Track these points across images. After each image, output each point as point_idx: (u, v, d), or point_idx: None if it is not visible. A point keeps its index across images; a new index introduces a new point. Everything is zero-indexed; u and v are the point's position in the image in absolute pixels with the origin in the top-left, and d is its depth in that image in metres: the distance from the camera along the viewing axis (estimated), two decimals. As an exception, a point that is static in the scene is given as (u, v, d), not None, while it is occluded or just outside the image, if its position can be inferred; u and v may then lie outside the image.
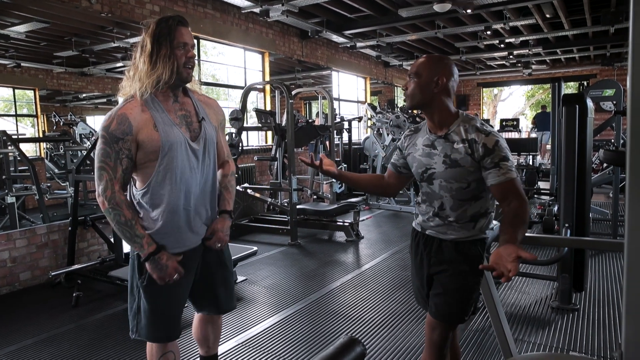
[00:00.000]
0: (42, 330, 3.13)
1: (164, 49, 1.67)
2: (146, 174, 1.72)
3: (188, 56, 1.71)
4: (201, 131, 1.80)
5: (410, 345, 2.82)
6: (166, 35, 1.67)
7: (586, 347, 2.76)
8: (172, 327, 1.87)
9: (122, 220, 1.66)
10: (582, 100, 3.22)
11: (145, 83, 1.67)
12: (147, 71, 1.67)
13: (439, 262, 1.80)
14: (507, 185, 1.64)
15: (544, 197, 7.29)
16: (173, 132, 1.71)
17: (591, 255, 4.42)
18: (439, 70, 1.70)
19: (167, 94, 1.74)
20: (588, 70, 13.45)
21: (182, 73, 1.71)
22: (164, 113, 1.72)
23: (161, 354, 1.89)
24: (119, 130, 1.64)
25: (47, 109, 5.08)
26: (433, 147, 1.76)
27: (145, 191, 1.73)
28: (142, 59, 1.68)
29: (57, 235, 4.24)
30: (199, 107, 1.84)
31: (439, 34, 8.72)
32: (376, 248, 5.18)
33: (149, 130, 1.67)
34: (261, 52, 7.89)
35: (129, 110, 1.67)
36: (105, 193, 1.65)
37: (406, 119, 7.36)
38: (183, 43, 1.69)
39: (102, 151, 1.65)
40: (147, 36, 1.69)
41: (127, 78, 1.74)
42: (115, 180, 1.65)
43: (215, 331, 2.14)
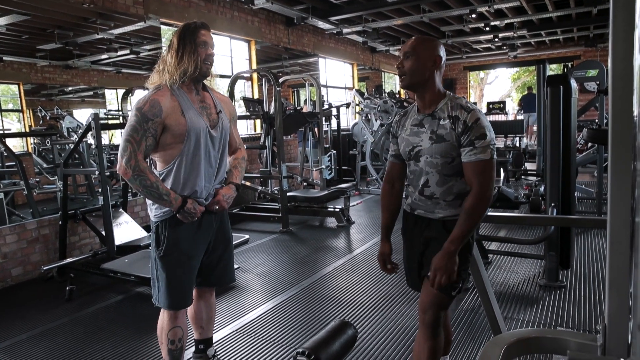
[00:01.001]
0: (36, 325, 3.13)
1: (188, 46, 1.93)
2: (170, 154, 1.95)
3: (208, 53, 1.96)
4: (219, 121, 2.05)
5: (403, 327, 2.87)
6: (190, 35, 1.93)
7: (573, 322, 2.84)
8: (185, 295, 2.07)
9: (148, 183, 1.88)
10: (566, 81, 3.26)
11: (174, 75, 1.92)
12: (174, 64, 1.93)
13: (429, 240, 1.84)
14: (476, 166, 1.68)
15: (530, 178, 7.37)
16: (197, 120, 1.95)
17: (577, 233, 4.51)
18: (435, 49, 1.75)
19: (190, 87, 1.99)
20: (572, 52, 13.52)
21: (202, 67, 1.95)
22: (189, 102, 1.97)
23: (171, 327, 2.06)
24: (150, 112, 1.87)
25: (32, 103, 5.00)
26: (421, 125, 1.81)
27: (169, 169, 1.96)
28: (170, 54, 1.95)
29: (48, 229, 4.22)
30: (216, 101, 2.09)
31: (424, 18, 8.70)
32: (367, 233, 5.23)
33: (177, 116, 1.91)
34: (247, 41, 7.82)
35: (160, 96, 1.91)
36: (129, 163, 1.86)
37: (394, 104, 7.38)
38: (204, 42, 1.95)
39: (132, 127, 1.87)
40: (174, 36, 1.96)
41: (156, 71, 2.00)
42: (138, 152, 1.87)
43: (208, 309, 2.26)
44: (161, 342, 2.11)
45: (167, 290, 2.02)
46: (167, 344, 2.08)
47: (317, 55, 9.62)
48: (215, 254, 2.16)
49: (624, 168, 0.89)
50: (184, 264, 2.02)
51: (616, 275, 0.93)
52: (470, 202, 1.68)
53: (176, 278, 2.02)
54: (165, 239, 2.00)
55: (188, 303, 2.11)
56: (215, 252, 2.16)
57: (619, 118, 0.90)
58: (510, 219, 3.21)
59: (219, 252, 2.17)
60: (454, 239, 1.69)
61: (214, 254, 2.15)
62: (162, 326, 2.10)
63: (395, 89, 13.94)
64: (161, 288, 2.03)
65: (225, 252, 2.20)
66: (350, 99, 10.21)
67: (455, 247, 1.69)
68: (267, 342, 2.75)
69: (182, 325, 2.10)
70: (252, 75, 7.86)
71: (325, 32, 9.57)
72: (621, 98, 0.88)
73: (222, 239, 2.18)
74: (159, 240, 2.01)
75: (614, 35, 0.87)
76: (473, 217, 1.68)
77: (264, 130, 6.20)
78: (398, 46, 11.75)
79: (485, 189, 1.67)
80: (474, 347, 2.58)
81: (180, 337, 2.10)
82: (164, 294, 2.03)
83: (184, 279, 2.04)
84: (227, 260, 2.23)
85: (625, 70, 0.86)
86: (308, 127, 6.68)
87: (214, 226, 2.12)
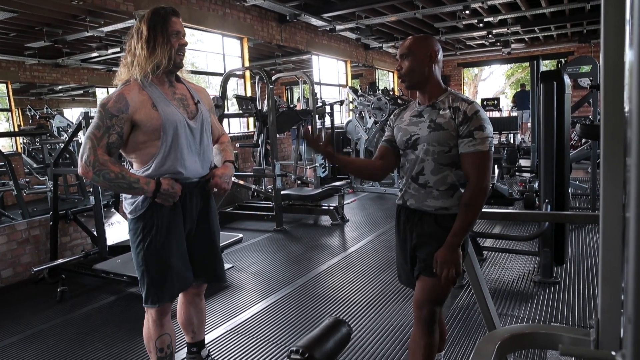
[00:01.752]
0: (27, 327, 3.09)
1: (160, 36, 1.78)
2: (147, 154, 1.81)
3: (180, 43, 1.83)
4: (198, 112, 1.92)
5: (397, 325, 2.86)
6: (161, 23, 1.78)
7: (567, 318, 2.84)
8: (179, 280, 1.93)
9: (112, 175, 1.73)
10: (560, 77, 3.25)
11: (145, 68, 1.78)
12: (146, 56, 1.77)
13: (420, 235, 1.83)
14: (475, 157, 1.70)
15: (525, 174, 7.40)
16: (172, 112, 1.81)
17: (571, 229, 4.52)
18: (430, 45, 1.78)
19: (162, 79, 1.86)
20: (566, 48, 13.58)
21: (176, 59, 1.83)
22: (162, 95, 1.83)
23: (158, 335, 1.96)
24: (115, 108, 1.74)
25: (21, 102, 4.95)
26: (420, 116, 1.83)
27: (147, 168, 1.82)
28: (139, 45, 1.78)
29: (38, 230, 4.17)
30: (192, 92, 1.97)
31: (418, 14, 8.69)
32: (361, 230, 5.22)
33: (148, 110, 1.77)
34: (239, 38, 7.77)
35: (127, 91, 1.78)
36: (88, 159, 1.72)
37: (387, 101, 7.37)
38: (176, 31, 1.82)
39: (95, 124, 1.75)
40: (143, 24, 1.79)
41: (123, 65, 1.84)
42: (98, 147, 1.73)
43: (198, 314, 2.18)
44: (149, 350, 2.01)
45: (155, 284, 1.89)
46: (155, 353, 1.98)
47: (310, 53, 9.59)
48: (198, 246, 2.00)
49: (616, 163, 0.88)
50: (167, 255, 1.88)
51: (608, 270, 0.93)
52: (469, 194, 1.71)
53: (162, 270, 1.88)
54: (143, 234, 1.86)
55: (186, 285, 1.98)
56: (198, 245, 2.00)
57: (611, 114, 0.89)
58: (504, 215, 3.21)
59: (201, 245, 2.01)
60: (457, 232, 1.71)
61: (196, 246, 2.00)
62: (149, 335, 1.99)
63: (389, 86, 13.95)
64: (148, 283, 1.90)
65: (209, 248, 2.05)
66: (344, 97, 10.20)
67: (458, 240, 1.72)
68: (261, 342, 2.73)
69: (169, 332, 2.00)
70: (244, 73, 7.82)
71: (319, 29, 9.54)
72: (612, 94, 0.87)
73: (205, 232, 2.02)
74: (137, 236, 1.87)
75: (606, 31, 0.86)
76: (473, 209, 1.71)
77: (257, 129, 6.17)
78: (391, 43, 11.75)
79: (482, 180, 1.70)
80: (468, 343, 2.58)
81: (169, 344, 2.00)
82: (152, 288, 1.90)
83: (170, 270, 1.90)
84: (213, 257, 2.07)
85: (617, 66, 0.86)
86: (302, 124, 6.66)
87: (195, 216, 1.97)
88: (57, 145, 5.03)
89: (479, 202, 1.71)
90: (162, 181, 1.80)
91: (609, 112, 0.91)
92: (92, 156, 1.72)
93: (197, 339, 2.23)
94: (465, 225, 1.71)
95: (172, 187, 1.81)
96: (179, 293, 2.01)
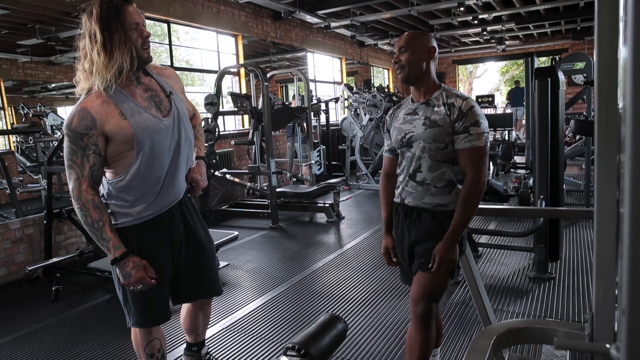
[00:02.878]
0: (22, 326, 3.08)
1: (116, 34, 1.56)
2: (122, 164, 1.67)
3: (143, 37, 1.62)
4: (172, 107, 1.74)
5: (393, 321, 2.87)
6: (115, 19, 1.55)
7: (562, 313, 2.86)
8: (159, 310, 1.84)
9: (89, 221, 1.62)
10: (554, 73, 3.26)
11: (106, 77, 1.57)
12: (104, 63, 1.56)
13: (418, 232, 1.84)
14: (471, 153, 1.71)
15: (519, 171, 7.43)
16: (143, 118, 1.65)
17: (566, 225, 4.55)
18: (429, 41, 1.81)
19: (128, 79, 1.66)
20: (560, 45, 13.62)
21: (141, 56, 1.63)
22: (129, 99, 1.64)
23: (147, 342, 1.88)
24: (81, 126, 1.58)
25: (14, 100, 4.91)
26: (414, 113, 1.84)
27: (121, 179, 1.68)
28: (95, 50, 1.56)
29: (32, 229, 4.15)
30: (162, 83, 1.78)
31: (412, 11, 8.69)
32: (357, 228, 5.22)
33: (116, 120, 1.60)
34: (234, 35, 7.75)
35: (89, 103, 1.59)
36: (73, 192, 1.62)
37: (382, 98, 7.37)
38: (135, 24, 1.59)
39: (69, 149, 1.61)
40: (94, 23, 1.55)
41: (82, 71, 1.62)
42: (83, 179, 1.61)
43: (205, 319, 2.13)
44: (139, 356, 1.92)
45: (140, 309, 1.78)
46: (146, 359, 1.89)
47: (305, 50, 9.58)
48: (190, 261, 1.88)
49: (610, 160, 0.89)
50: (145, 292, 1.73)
51: (603, 265, 0.93)
52: (466, 190, 1.73)
53: (148, 294, 1.75)
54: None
55: (164, 318, 1.86)
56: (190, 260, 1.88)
57: (605, 110, 0.90)
58: (499, 211, 3.22)
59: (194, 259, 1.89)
60: (455, 228, 1.73)
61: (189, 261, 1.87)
62: (137, 342, 1.89)
63: (384, 83, 13.95)
64: (131, 307, 1.78)
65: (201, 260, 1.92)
66: (339, 94, 10.19)
67: (457, 236, 1.74)
68: (258, 339, 2.73)
69: (158, 336, 1.90)
70: (239, 71, 7.80)
71: (313, 26, 9.52)
72: (606, 90, 0.88)
73: (193, 244, 1.89)
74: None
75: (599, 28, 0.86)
76: (471, 205, 1.72)
77: (252, 126, 6.15)
78: (386, 40, 11.74)
79: (479, 175, 1.71)
80: (464, 339, 2.59)
81: (159, 348, 1.91)
82: (136, 313, 1.78)
83: (157, 293, 1.78)
84: (204, 270, 1.93)
85: (610, 63, 0.86)
86: (297, 122, 6.66)
87: (181, 229, 1.84)
88: (50, 143, 5.01)
89: (476, 197, 1.72)
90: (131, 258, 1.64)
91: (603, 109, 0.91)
92: (76, 190, 1.60)
93: (199, 340, 2.19)
94: (464, 222, 1.73)
95: (130, 275, 1.63)
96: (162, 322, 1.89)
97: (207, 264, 1.95)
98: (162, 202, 1.77)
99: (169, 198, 1.79)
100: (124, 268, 1.64)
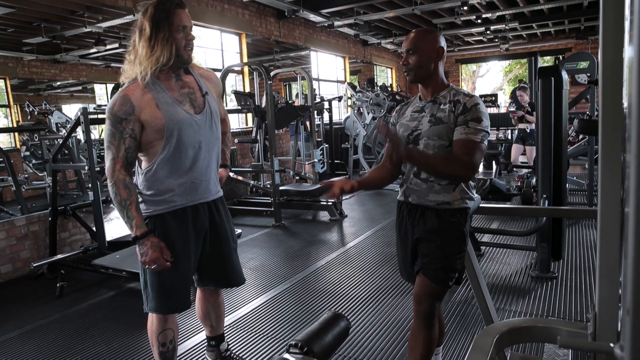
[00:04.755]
0: (26, 322, 3.10)
1: (162, 32, 1.72)
2: (152, 153, 1.80)
3: (188, 39, 1.78)
4: (205, 105, 1.88)
5: (396, 319, 2.88)
6: (165, 19, 1.72)
7: (564, 312, 2.86)
8: (177, 298, 1.93)
9: (118, 199, 1.75)
10: (558, 72, 3.26)
11: (145, 66, 1.73)
12: (146, 55, 1.72)
13: (422, 230, 1.84)
14: (466, 143, 1.69)
15: (522, 170, 7.42)
16: (176, 111, 1.78)
17: (568, 224, 4.54)
18: (436, 40, 1.80)
19: (168, 74, 1.81)
20: (563, 44, 13.57)
21: (182, 55, 1.78)
22: (165, 92, 1.78)
23: (160, 330, 1.97)
24: (121, 111, 1.73)
25: (20, 98, 4.92)
26: (422, 111, 1.84)
27: (150, 168, 1.81)
28: (141, 42, 1.73)
29: (37, 226, 4.17)
30: (201, 83, 1.91)
31: (416, 10, 8.68)
32: (360, 226, 5.23)
33: (152, 110, 1.74)
34: (238, 34, 7.75)
35: (130, 91, 1.75)
36: (108, 171, 1.76)
37: (386, 97, 7.37)
38: (182, 26, 1.75)
39: (108, 132, 1.75)
40: (145, 20, 1.73)
41: (128, 62, 1.80)
42: (117, 160, 1.74)
43: (216, 309, 2.21)
44: (152, 344, 2.03)
45: (158, 295, 1.87)
46: (157, 347, 1.99)
47: (308, 49, 9.58)
48: (211, 252, 1.99)
49: (614, 159, 0.89)
50: (176, 264, 1.85)
51: (606, 264, 0.94)
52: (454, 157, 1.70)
53: (167, 281, 1.86)
54: None
55: (183, 307, 1.96)
56: (211, 250, 1.99)
57: (609, 109, 0.90)
58: (502, 210, 3.22)
59: (215, 251, 2.00)
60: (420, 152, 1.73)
61: (210, 252, 1.99)
62: (152, 329, 1.99)
63: (388, 82, 13.93)
64: (150, 292, 1.89)
65: (223, 251, 2.02)
66: (342, 92, 10.19)
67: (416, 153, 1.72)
68: (261, 336, 2.75)
69: (172, 327, 2.00)
70: (243, 69, 7.80)
71: (317, 25, 9.52)
72: (611, 89, 0.88)
73: (216, 235, 2.00)
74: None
75: (604, 27, 0.86)
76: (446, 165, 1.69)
77: (255, 124, 6.16)
78: (390, 39, 11.73)
79: (471, 158, 1.67)
80: (466, 338, 2.60)
81: (172, 339, 2.00)
82: (155, 298, 1.88)
83: (176, 281, 1.88)
84: (227, 260, 2.05)
85: (615, 62, 0.86)
86: (300, 120, 6.66)
87: (206, 223, 1.96)
88: (55, 141, 5.03)
89: (453, 167, 1.68)
90: (151, 238, 1.76)
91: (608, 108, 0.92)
92: (110, 169, 1.75)
93: (216, 333, 2.26)
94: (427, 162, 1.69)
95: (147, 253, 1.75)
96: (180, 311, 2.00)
97: (228, 257, 2.06)
98: (189, 196, 1.88)
99: (197, 194, 1.90)
100: (143, 246, 1.76)
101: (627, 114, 0.86)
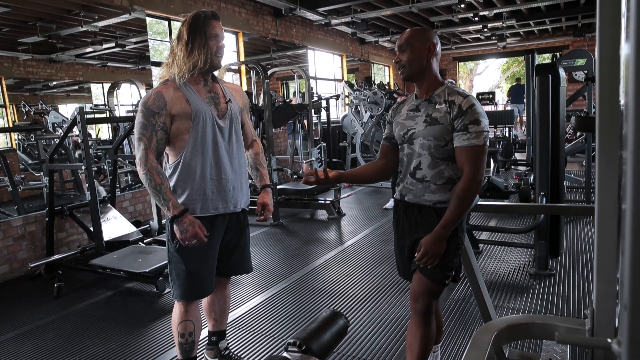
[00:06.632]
0: (24, 323, 3.09)
1: (198, 38, 1.91)
2: (179, 147, 1.94)
3: (219, 46, 1.96)
4: (227, 110, 2.03)
5: (394, 317, 2.88)
6: (201, 28, 1.91)
7: (562, 309, 2.87)
8: (201, 285, 2.05)
9: (153, 184, 1.87)
10: (555, 70, 3.26)
11: (183, 68, 1.91)
12: (184, 58, 1.91)
13: (419, 228, 1.84)
14: (469, 151, 1.70)
15: (520, 168, 7.43)
16: (202, 106, 1.95)
17: (566, 222, 4.55)
18: (429, 38, 1.79)
19: (198, 79, 1.98)
20: (561, 42, 13.60)
21: (213, 60, 1.95)
22: (194, 93, 1.96)
23: (181, 320, 2.06)
24: (155, 105, 1.88)
25: (15, 98, 4.90)
26: (417, 110, 1.84)
27: (177, 163, 1.95)
28: (179, 47, 1.93)
29: (34, 226, 4.16)
30: (225, 91, 2.08)
31: (413, 8, 8.68)
32: (358, 224, 5.23)
33: (182, 104, 1.91)
34: (235, 32, 7.74)
35: (164, 89, 1.92)
36: (141, 160, 1.88)
37: (383, 95, 7.37)
38: (215, 34, 1.94)
39: (141, 124, 1.88)
40: (184, 28, 1.93)
41: (165, 65, 2.00)
42: (149, 150, 1.88)
43: (221, 302, 2.28)
44: (174, 335, 2.11)
45: (184, 282, 2.00)
46: (177, 338, 2.07)
47: (305, 47, 9.57)
48: (230, 241, 2.12)
49: (612, 156, 0.89)
50: (200, 254, 1.99)
51: (604, 261, 0.94)
52: (462, 187, 1.71)
53: (194, 269, 2.00)
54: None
55: (207, 292, 2.09)
56: (230, 240, 2.12)
57: (607, 107, 0.90)
58: (500, 208, 3.23)
59: (233, 240, 2.13)
60: (446, 223, 1.72)
61: (229, 241, 2.12)
62: (174, 319, 2.09)
63: (385, 80, 13.93)
64: (176, 280, 2.02)
65: (240, 240, 2.17)
66: (340, 91, 10.18)
67: (447, 231, 1.72)
68: (259, 335, 2.75)
69: (193, 319, 2.07)
70: (240, 68, 7.79)
71: (314, 23, 9.51)
72: (608, 87, 0.88)
73: (236, 226, 2.13)
74: (174, 234, 1.95)
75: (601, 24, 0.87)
76: (464, 201, 1.71)
77: (253, 123, 6.15)
78: (387, 37, 11.72)
79: (476, 173, 1.70)
80: (465, 335, 2.60)
81: (192, 331, 2.07)
82: (180, 285, 2.01)
83: (202, 269, 2.02)
84: (242, 249, 2.19)
85: (612, 59, 0.86)
86: (297, 119, 6.65)
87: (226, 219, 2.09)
88: (52, 141, 5.01)
89: (471, 195, 1.71)
90: (187, 216, 1.89)
91: (605, 105, 0.92)
92: (143, 158, 1.87)
93: (218, 328, 2.31)
94: (455, 218, 1.71)
95: (187, 230, 1.87)
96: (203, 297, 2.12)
97: (244, 245, 2.20)
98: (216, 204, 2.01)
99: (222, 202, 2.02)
100: (182, 224, 1.88)
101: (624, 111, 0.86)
